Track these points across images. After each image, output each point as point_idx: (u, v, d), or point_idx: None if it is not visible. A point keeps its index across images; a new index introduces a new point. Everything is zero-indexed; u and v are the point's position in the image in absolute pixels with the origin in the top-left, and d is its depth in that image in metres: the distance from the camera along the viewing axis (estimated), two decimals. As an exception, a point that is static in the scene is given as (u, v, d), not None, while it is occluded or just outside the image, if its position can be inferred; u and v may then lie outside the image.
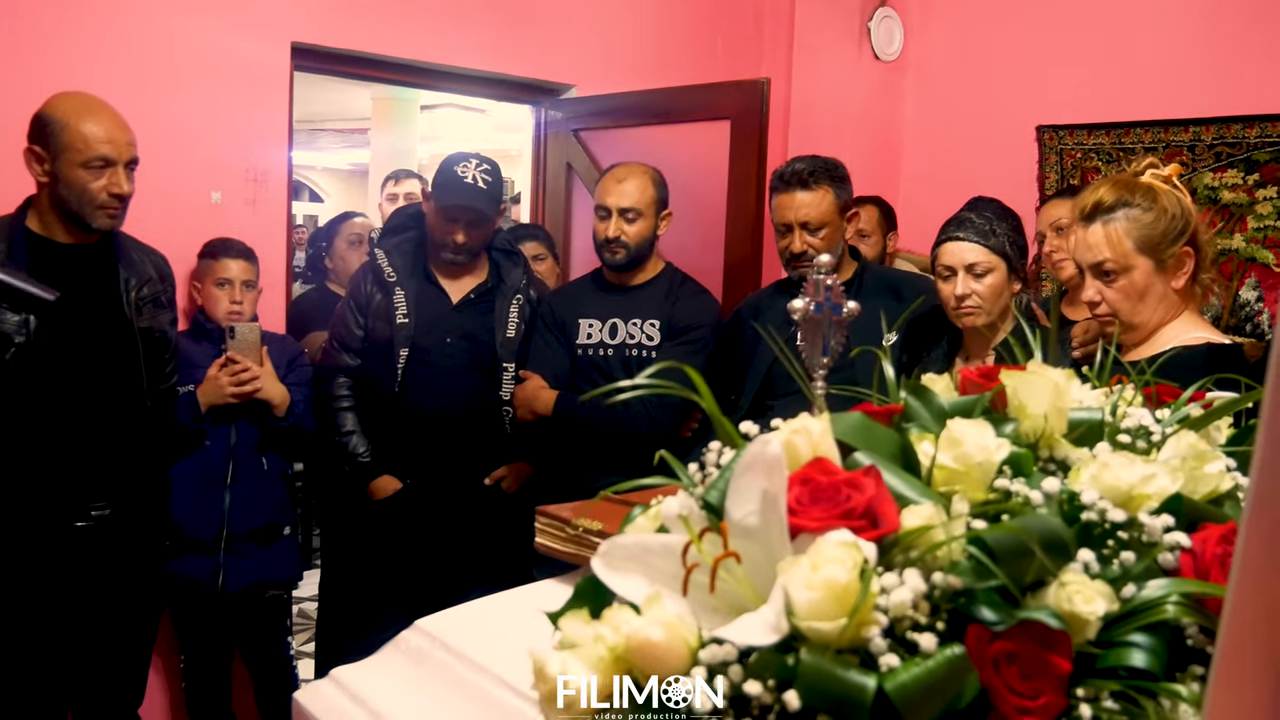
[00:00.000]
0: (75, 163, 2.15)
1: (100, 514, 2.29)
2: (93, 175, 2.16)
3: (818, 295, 1.12)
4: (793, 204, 2.51)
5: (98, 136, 2.16)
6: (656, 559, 0.70)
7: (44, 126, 2.18)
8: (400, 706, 1.20)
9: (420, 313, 2.74)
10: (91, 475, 2.28)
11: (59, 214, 2.21)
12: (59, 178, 2.17)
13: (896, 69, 4.03)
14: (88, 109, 2.20)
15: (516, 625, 1.26)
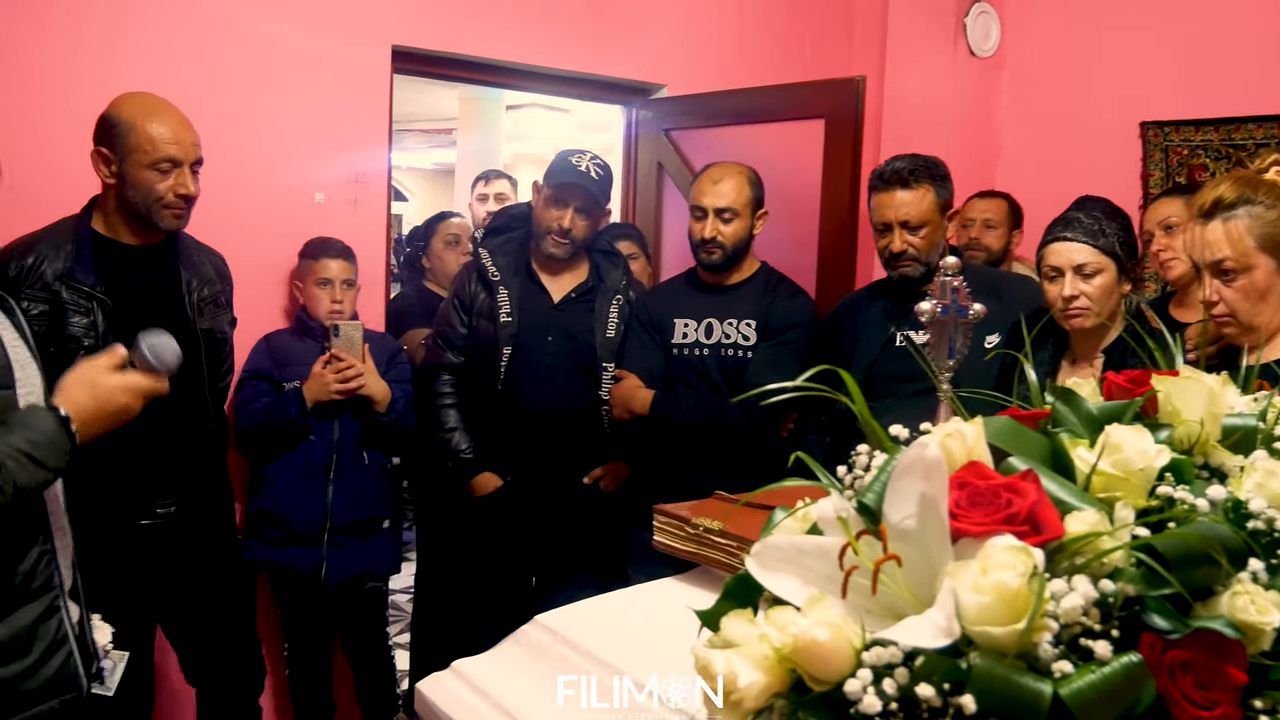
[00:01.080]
0: (142, 164, 2.14)
1: (166, 512, 2.32)
2: (160, 176, 2.16)
3: (944, 297, 1.11)
4: (892, 203, 2.49)
5: (164, 137, 2.15)
6: (811, 560, 0.71)
7: (111, 128, 2.16)
8: (522, 698, 1.23)
9: (523, 311, 2.78)
10: (156, 474, 2.30)
11: (125, 215, 2.22)
12: (126, 179, 2.16)
13: (993, 65, 3.96)
14: (154, 110, 2.19)
15: (635, 621, 1.29)
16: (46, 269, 2.11)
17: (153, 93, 2.26)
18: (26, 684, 1.42)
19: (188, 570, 2.40)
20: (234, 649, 2.57)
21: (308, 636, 2.90)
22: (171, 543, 2.35)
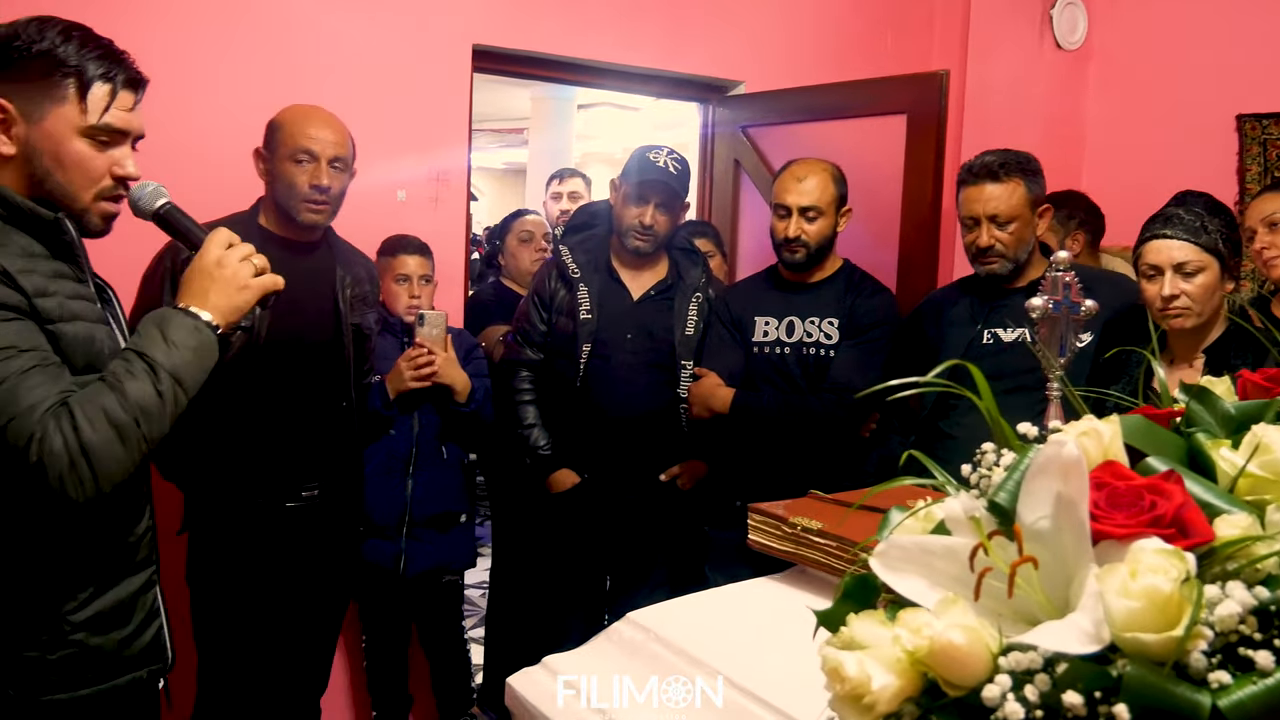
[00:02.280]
0: (285, 157, 2.28)
1: (310, 495, 2.40)
2: (298, 169, 2.27)
3: (1056, 292, 1.07)
4: (981, 197, 2.43)
5: (305, 133, 2.28)
6: (938, 561, 0.69)
7: (270, 130, 2.34)
8: (614, 695, 1.22)
9: (602, 308, 2.78)
10: (303, 458, 2.39)
11: (278, 212, 2.35)
12: (274, 174, 2.31)
13: (1079, 58, 3.86)
14: (305, 113, 2.34)
15: (729, 621, 1.27)
16: None
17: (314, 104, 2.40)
18: (126, 651, 1.46)
19: (315, 561, 2.47)
20: (311, 648, 2.60)
21: (385, 629, 2.94)
22: (308, 529, 2.41)
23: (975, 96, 3.82)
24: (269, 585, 2.37)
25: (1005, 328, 2.47)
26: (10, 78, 1.35)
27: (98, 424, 1.28)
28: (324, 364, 2.41)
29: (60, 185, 1.39)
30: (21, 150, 1.37)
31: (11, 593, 1.36)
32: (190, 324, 1.39)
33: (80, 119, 1.37)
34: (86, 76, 1.37)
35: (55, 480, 1.25)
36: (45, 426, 1.25)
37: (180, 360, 1.36)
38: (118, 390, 1.30)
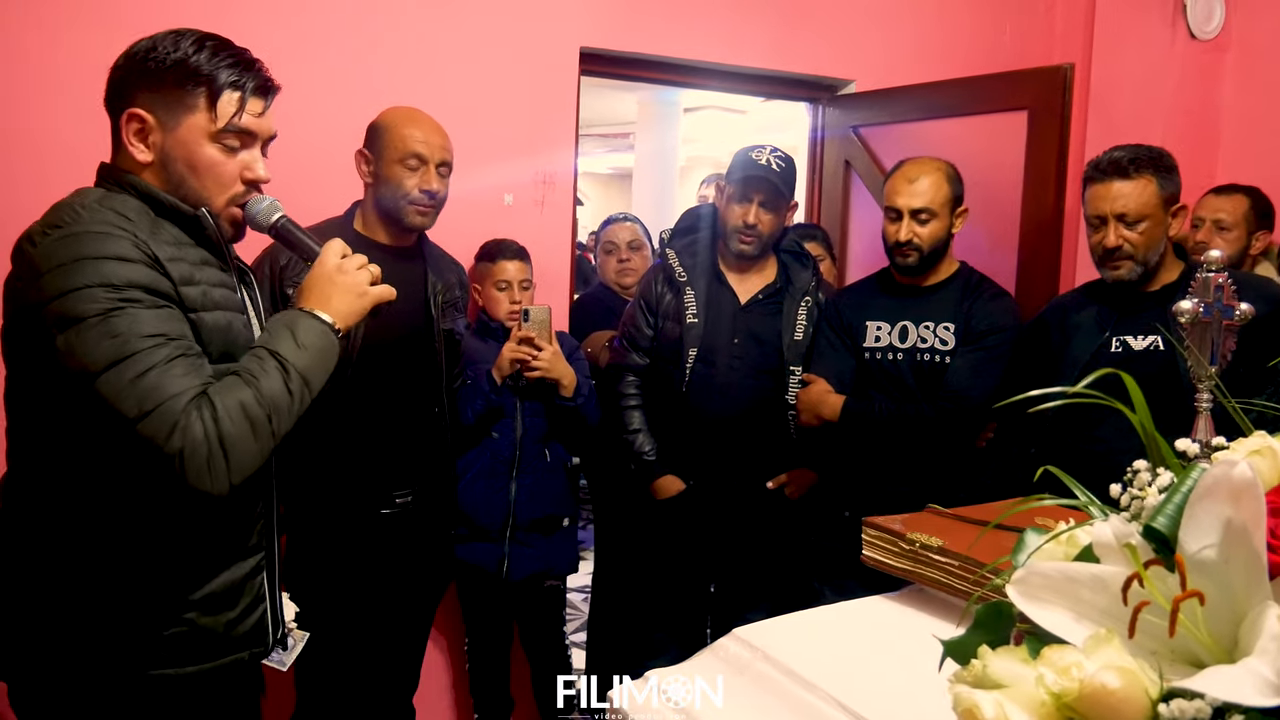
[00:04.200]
0: (393, 160, 2.30)
1: (404, 501, 2.41)
2: (407, 172, 2.29)
3: (1206, 295, 0.98)
4: (1109, 194, 2.30)
5: (414, 136, 2.30)
6: (1085, 591, 0.62)
7: (373, 132, 2.35)
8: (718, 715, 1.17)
9: (709, 313, 2.73)
10: (397, 464, 2.40)
11: (379, 214, 2.36)
12: (380, 177, 2.32)
13: (1215, 49, 3.64)
14: (410, 116, 2.36)
15: (840, 641, 1.20)
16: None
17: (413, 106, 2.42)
18: (232, 632, 1.49)
19: (410, 564, 2.48)
20: (403, 650, 2.61)
21: (487, 632, 2.94)
22: (403, 534, 2.43)
23: (1101, 92, 3.64)
24: (361, 589, 2.39)
25: (1136, 335, 2.33)
26: (149, 88, 1.41)
27: (235, 417, 1.31)
28: (416, 370, 2.42)
29: (195, 190, 1.45)
30: (158, 157, 1.42)
31: (131, 570, 1.39)
32: (318, 327, 1.44)
33: (210, 125, 1.43)
34: (217, 84, 1.42)
35: (193, 471, 1.28)
36: (188, 417, 1.28)
37: (308, 361, 1.41)
38: (253, 385, 1.35)
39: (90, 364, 1.26)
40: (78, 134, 2.06)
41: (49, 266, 1.29)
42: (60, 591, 1.38)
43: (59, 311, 1.27)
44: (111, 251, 1.30)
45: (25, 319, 1.32)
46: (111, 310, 1.28)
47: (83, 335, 1.27)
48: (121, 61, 1.44)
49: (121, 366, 1.26)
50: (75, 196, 1.40)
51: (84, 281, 1.27)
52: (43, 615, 1.39)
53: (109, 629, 1.38)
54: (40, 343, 1.29)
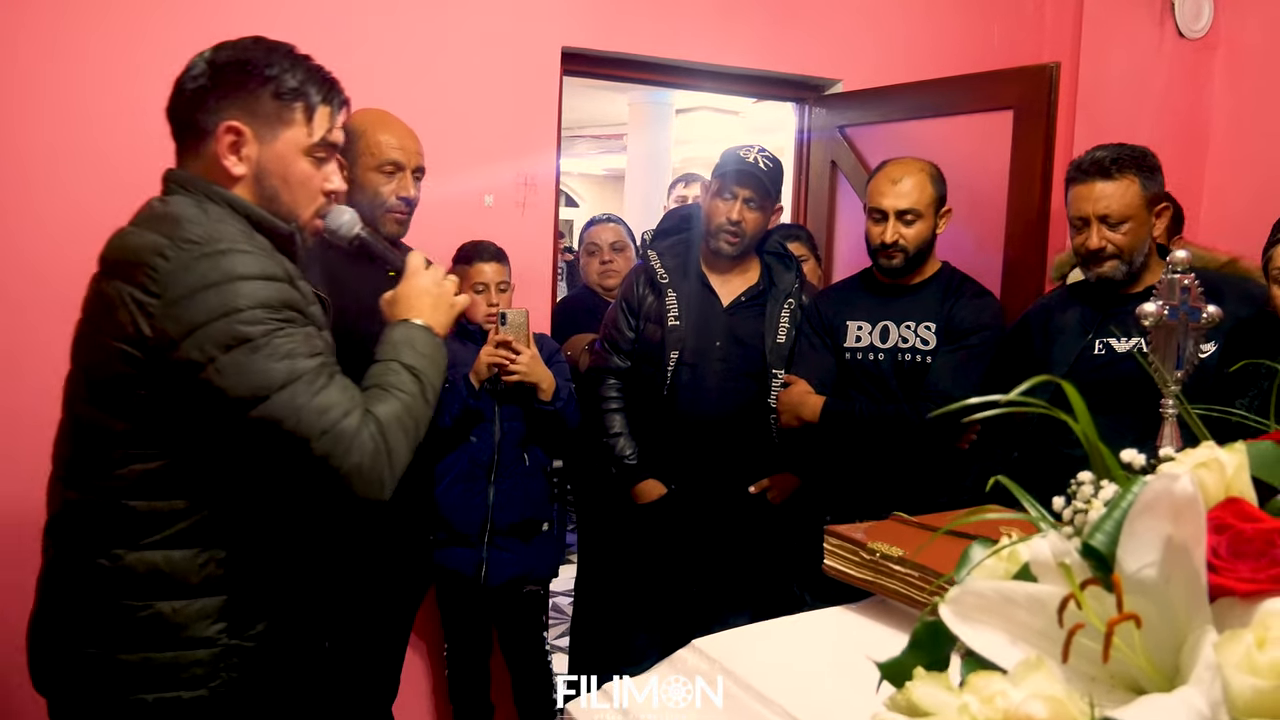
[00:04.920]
0: (369, 167, 2.26)
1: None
2: (384, 179, 2.26)
3: (1172, 297, 0.95)
4: (1091, 195, 2.26)
5: (390, 143, 2.27)
6: (1020, 612, 0.59)
7: (346, 136, 2.29)
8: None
9: (691, 315, 2.70)
10: None
11: None
12: (355, 183, 2.26)
13: (1204, 47, 3.61)
14: (383, 120, 2.31)
15: (801, 655, 1.17)
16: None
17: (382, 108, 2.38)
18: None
19: (382, 568, 2.45)
20: (379, 657, 2.57)
21: (466, 638, 2.90)
22: (378, 535, 2.38)
23: (1089, 90, 3.61)
24: (336, 593, 2.35)
25: (1119, 337, 2.30)
26: (243, 101, 1.40)
27: (394, 429, 1.36)
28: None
29: (286, 204, 1.45)
30: (252, 171, 1.42)
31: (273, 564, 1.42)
32: (433, 340, 1.51)
33: (306, 139, 1.44)
34: (311, 100, 1.44)
35: (364, 484, 1.32)
36: (360, 434, 1.31)
37: (432, 371, 1.47)
38: (398, 397, 1.39)
39: (260, 386, 1.26)
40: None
41: (199, 286, 1.26)
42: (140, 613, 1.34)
43: (219, 334, 1.26)
44: (261, 270, 1.30)
45: (144, 337, 1.27)
46: (275, 331, 1.29)
47: (251, 358, 1.26)
48: (204, 71, 1.41)
49: (295, 388, 1.27)
50: (177, 207, 1.36)
51: (245, 303, 1.27)
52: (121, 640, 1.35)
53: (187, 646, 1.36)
54: (160, 362, 1.26)
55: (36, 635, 1.42)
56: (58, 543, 1.40)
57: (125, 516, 1.32)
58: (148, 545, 1.32)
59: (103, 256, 1.38)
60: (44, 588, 1.42)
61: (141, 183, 2.61)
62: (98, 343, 1.32)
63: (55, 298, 2.60)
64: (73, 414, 1.39)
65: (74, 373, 1.40)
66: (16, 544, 2.60)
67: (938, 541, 1.19)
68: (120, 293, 1.29)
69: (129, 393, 1.30)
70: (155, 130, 2.65)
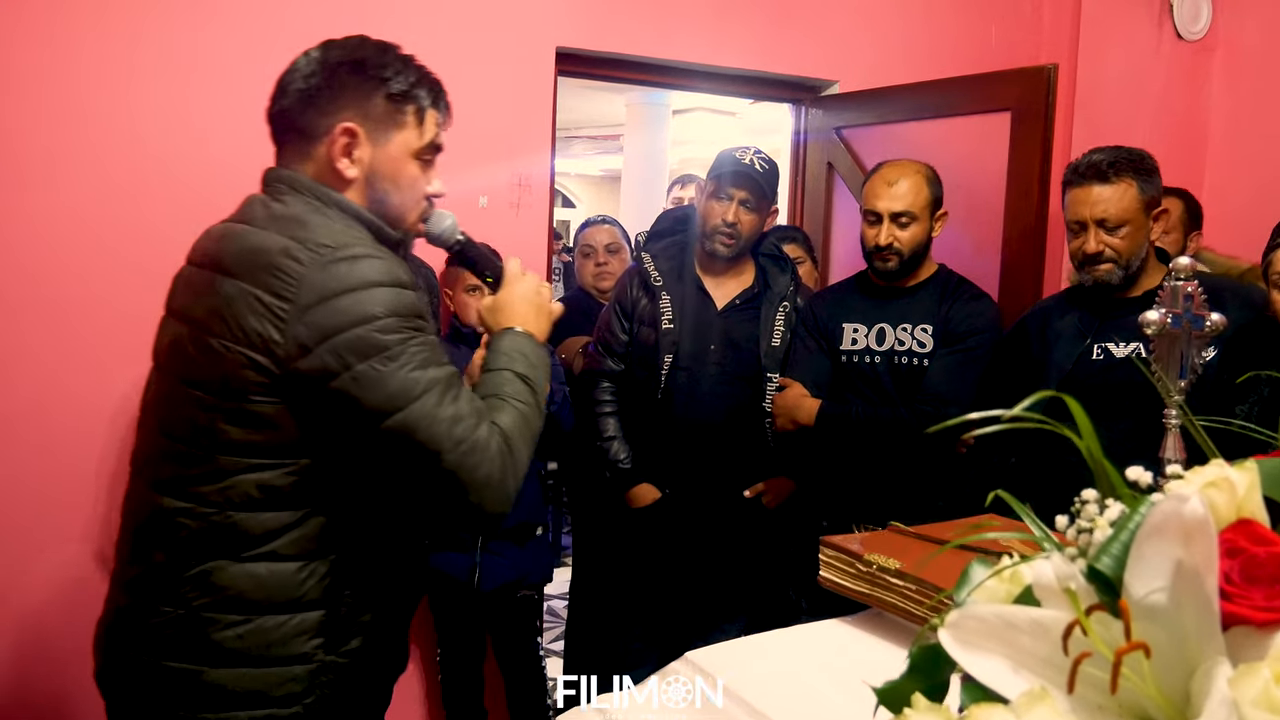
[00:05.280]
0: None
1: None
2: None
3: (1175, 305, 0.92)
4: (1088, 199, 2.24)
5: None
6: (1024, 638, 0.56)
7: None
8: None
9: (685, 318, 2.67)
10: None
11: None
12: None
13: (1203, 49, 3.59)
14: None
15: (796, 669, 1.14)
16: None
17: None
18: None
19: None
20: None
21: (460, 643, 2.88)
22: None
23: (1087, 92, 3.59)
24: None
25: (1117, 343, 2.27)
26: (358, 103, 1.37)
27: (517, 443, 1.33)
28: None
29: (395, 207, 1.42)
30: (363, 173, 1.39)
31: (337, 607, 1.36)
32: (541, 349, 1.50)
33: (417, 142, 1.42)
34: (421, 102, 1.42)
35: (493, 498, 1.30)
36: (490, 446, 1.28)
37: (544, 380, 1.46)
38: (518, 409, 1.37)
39: (396, 396, 1.23)
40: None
41: (334, 291, 1.23)
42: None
43: (356, 342, 1.23)
44: (393, 277, 1.27)
45: (272, 342, 1.23)
46: (409, 340, 1.26)
47: (388, 366, 1.24)
48: (316, 71, 1.39)
49: (428, 398, 1.25)
50: (297, 209, 1.33)
51: (380, 310, 1.24)
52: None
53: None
54: (287, 369, 1.23)
55: (112, 639, 1.37)
56: (144, 550, 1.35)
57: (231, 527, 1.28)
58: (252, 557, 1.28)
59: (211, 253, 1.34)
60: (127, 593, 1.36)
61: (137, 185, 2.64)
62: (206, 344, 1.27)
63: (47, 299, 2.60)
64: (169, 418, 1.33)
65: (166, 375, 1.35)
66: (7, 543, 2.61)
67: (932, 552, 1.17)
68: (245, 294, 1.25)
69: (248, 399, 1.25)
70: (151, 132, 2.68)
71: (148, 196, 2.64)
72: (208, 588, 1.27)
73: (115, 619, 1.38)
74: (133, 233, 2.63)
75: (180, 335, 1.32)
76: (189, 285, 1.36)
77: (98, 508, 2.66)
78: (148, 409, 1.40)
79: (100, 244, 2.61)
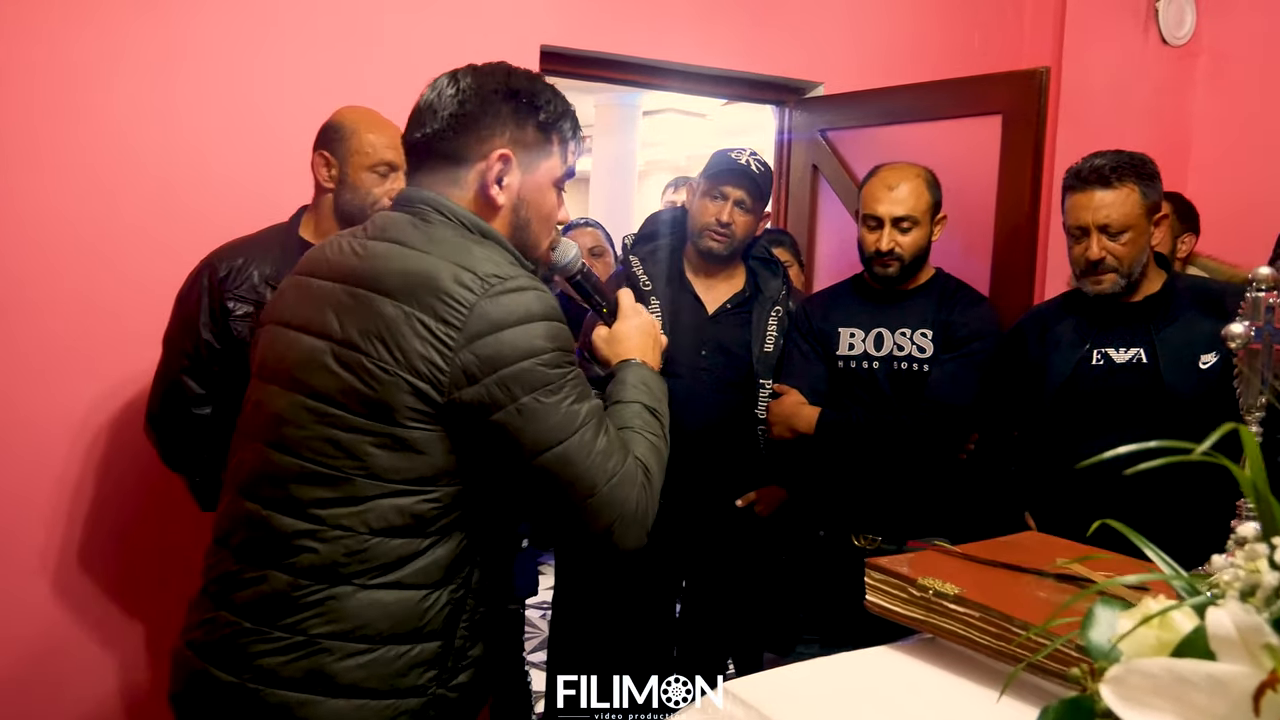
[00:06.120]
0: (361, 166, 2.19)
1: None
2: (377, 179, 2.20)
3: (1257, 316, 0.88)
4: (1090, 204, 2.21)
5: (383, 142, 2.20)
6: (1199, 695, 0.50)
7: (333, 134, 2.22)
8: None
9: (675, 323, 2.60)
10: None
11: (341, 220, 2.21)
12: (345, 182, 2.20)
13: (1187, 54, 3.60)
14: (373, 119, 2.25)
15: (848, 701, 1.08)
16: (254, 272, 2.18)
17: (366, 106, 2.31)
18: None
19: None
20: None
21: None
22: None
23: (1071, 96, 3.59)
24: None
25: (1118, 348, 2.25)
26: (512, 130, 1.37)
27: (654, 476, 1.36)
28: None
29: (534, 234, 1.43)
30: (510, 201, 1.39)
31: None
32: (663, 382, 1.51)
33: (559, 170, 1.44)
34: (564, 131, 1.44)
35: (634, 531, 1.30)
36: (635, 482, 1.30)
37: (667, 412, 1.47)
38: (650, 441, 1.39)
39: (557, 430, 1.24)
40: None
41: (504, 323, 1.23)
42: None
43: (525, 375, 1.23)
44: (554, 310, 1.29)
45: (436, 369, 1.22)
46: (568, 375, 1.27)
47: (551, 400, 1.24)
48: (471, 97, 1.37)
49: (584, 433, 1.26)
50: (451, 234, 1.32)
51: (547, 345, 1.25)
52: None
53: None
54: (448, 397, 1.22)
55: (205, 661, 1.30)
56: (250, 572, 1.29)
57: (362, 552, 1.24)
58: (380, 585, 1.24)
59: (358, 270, 1.31)
60: (229, 615, 1.29)
61: (122, 186, 2.54)
62: (357, 363, 1.24)
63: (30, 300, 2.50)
64: (294, 436, 1.28)
65: (286, 391, 1.31)
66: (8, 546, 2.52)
67: (986, 574, 1.12)
68: (409, 317, 1.23)
69: (403, 424, 1.22)
70: (146, 134, 2.58)
71: (133, 199, 2.59)
72: (330, 614, 1.23)
73: (210, 640, 1.30)
74: (112, 231, 2.58)
75: (316, 351, 1.28)
76: (317, 299, 1.33)
77: (73, 503, 2.62)
78: (255, 423, 1.35)
79: (79, 242, 2.55)
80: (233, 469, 1.37)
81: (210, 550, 1.36)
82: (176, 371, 2.18)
